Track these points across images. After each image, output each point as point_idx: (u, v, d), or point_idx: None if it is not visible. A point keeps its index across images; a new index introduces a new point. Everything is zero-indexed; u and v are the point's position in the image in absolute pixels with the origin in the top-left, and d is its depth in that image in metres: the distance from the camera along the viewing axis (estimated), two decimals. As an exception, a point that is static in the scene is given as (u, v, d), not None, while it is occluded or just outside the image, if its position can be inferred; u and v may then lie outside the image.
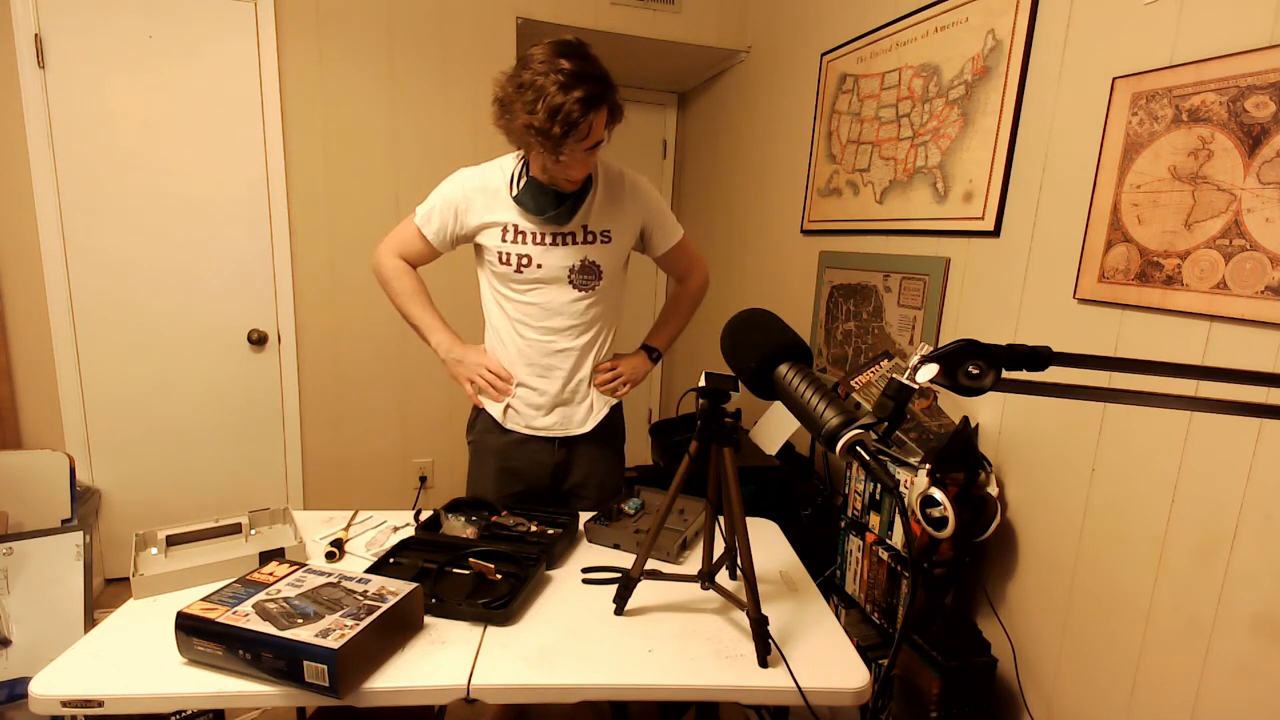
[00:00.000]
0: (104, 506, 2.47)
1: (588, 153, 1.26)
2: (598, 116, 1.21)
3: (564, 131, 1.17)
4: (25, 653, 1.72)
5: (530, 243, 1.39)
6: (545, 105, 1.15)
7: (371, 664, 0.93)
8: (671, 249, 1.56)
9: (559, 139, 1.18)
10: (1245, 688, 1.10)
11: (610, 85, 1.22)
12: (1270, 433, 1.07)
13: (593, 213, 1.40)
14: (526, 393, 1.48)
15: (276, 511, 1.37)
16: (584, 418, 1.51)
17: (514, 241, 1.38)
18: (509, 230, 1.38)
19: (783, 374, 0.77)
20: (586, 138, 1.21)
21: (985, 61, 1.60)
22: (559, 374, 1.47)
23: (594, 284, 1.44)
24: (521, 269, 1.39)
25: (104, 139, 2.27)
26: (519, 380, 1.48)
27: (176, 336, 2.45)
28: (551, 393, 1.47)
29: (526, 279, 1.40)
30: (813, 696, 0.94)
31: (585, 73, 1.17)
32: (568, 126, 1.16)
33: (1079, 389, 0.60)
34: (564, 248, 1.40)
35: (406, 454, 2.83)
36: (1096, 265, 1.34)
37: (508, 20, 2.60)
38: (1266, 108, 1.06)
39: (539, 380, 1.47)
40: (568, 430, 1.50)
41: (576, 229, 1.40)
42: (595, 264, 1.43)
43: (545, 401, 1.48)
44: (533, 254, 1.39)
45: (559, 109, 1.15)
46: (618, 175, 1.45)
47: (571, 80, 1.15)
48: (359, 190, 2.56)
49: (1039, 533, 1.48)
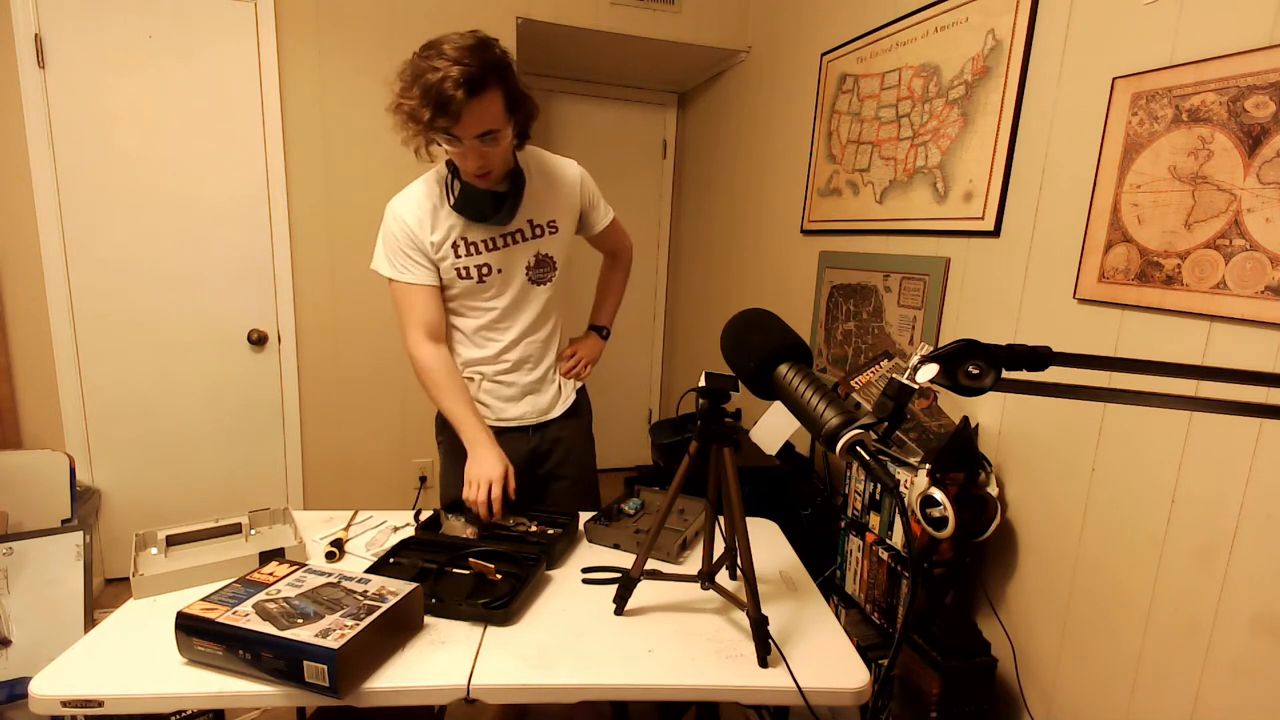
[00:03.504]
0: (104, 506, 2.47)
1: (485, 142, 1.20)
2: (479, 101, 1.14)
3: (435, 113, 1.13)
4: (25, 653, 1.72)
5: (485, 250, 1.37)
6: (420, 85, 1.12)
7: (371, 664, 0.93)
8: (605, 228, 1.56)
9: (429, 121, 1.14)
10: (1245, 688, 1.10)
11: (499, 70, 1.17)
12: (1270, 433, 1.07)
13: (533, 206, 1.40)
14: (494, 387, 1.48)
15: (276, 511, 1.37)
16: (552, 402, 1.54)
17: (468, 254, 1.37)
18: (460, 245, 1.36)
19: (783, 374, 0.77)
20: (464, 121, 1.15)
21: (985, 61, 1.60)
22: (526, 366, 1.49)
23: (550, 275, 1.45)
24: (483, 278, 1.38)
25: (104, 139, 2.27)
26: (486, 377, 1.48)
27: (176, 336, 2.45)
28: (520, 384, 1.49)
29: (489, 286, 1.40)
30: (813, 696, 0.94)
31: (467, 56, 1.12)
32: (439, 106, 1.12)
33: (1079, 389, 0.60)
34: (515, 247, 1.40)
35: (406, 454, 2.83)
36: (1096, 265, 1.34)
37: (508, 20, 2.59)
38: (1266, 108, 1.06)
39: (508, 374, 1.48)
40: (540, 416, 1.53)
41: (523, 225, 1.39)
42: (549, 256, 1.44)
43: (514, 392, 1.49)
44: (490, 261, 1.38)
45: (430, 88, 1.11)
46: (549, 163, 1.44)
47: (450, 62, 1.11)
48: (359, 190, 2.56)
49: (1039, 533, 1.48)
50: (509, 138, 1.27)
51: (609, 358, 3.82)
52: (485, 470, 1.32)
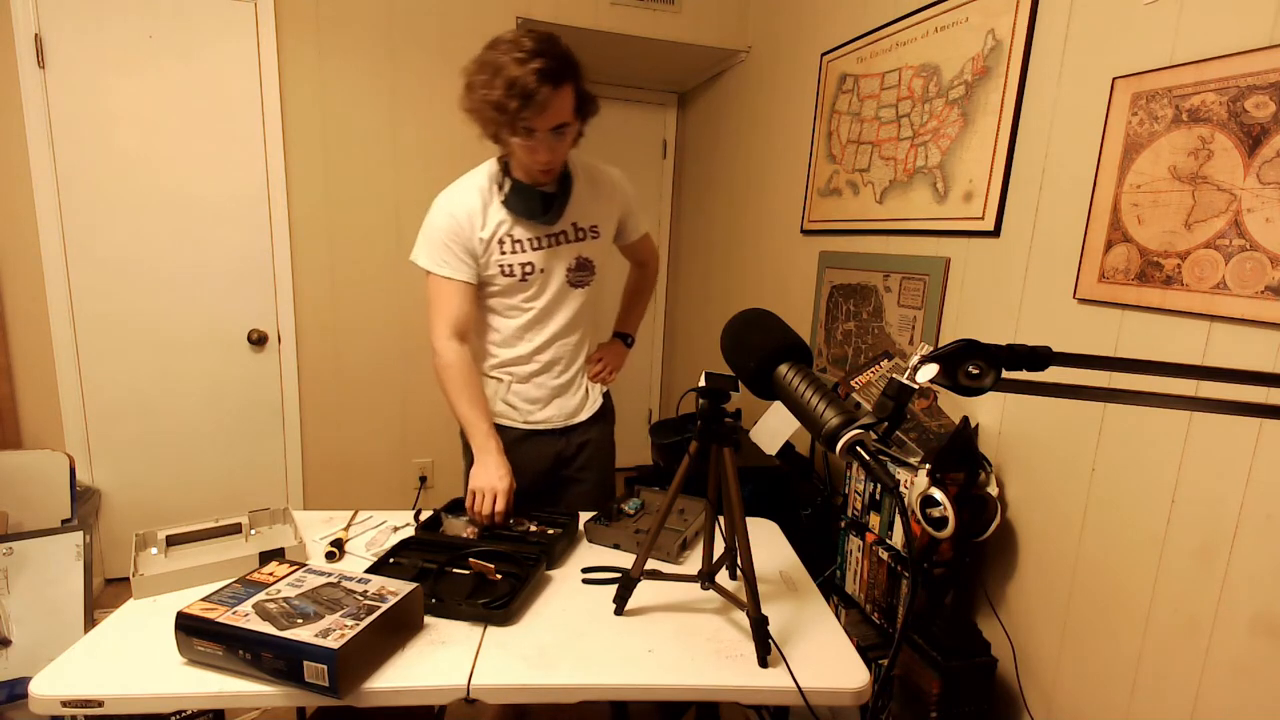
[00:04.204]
0: (104, 506, 2.47)
1: (555, 136, 1.24)
2: (558, 95, 1.19)
3: (521, 104, 1.16)
4: (25, 653, 1.72)
5: (529, 249, 1.38)
6: (503, 78, 1.15)
7: (371, 664, 0.93)
8: (639, 239, 1.61)
9: (516, 113, 1.17)
10: (1245, 688, 1.10)
11: (573, 67, 1.21)
12: (1270, 433, 1.07)
13: (579, 209, 1.41)
14: (523, 388, 1.48)
15: (276, 511, 1.37)
16: (580, 406, 1.55)
17: (513, 251, 1.38)
18: (506, 242, 1.37)
19: (783, 374, 0.77)
20: (546, 113, 1.19)
21: (985, 61, 1.60)
22: (557, 368, 1.49)
23: (588, 279, 1.46)
24: (525, 277, 1.39)
25: (104, 139, 2.27)
26: (516, 378, 1.48)
27: (176, 336, 2.45)
28: (550, 386, 1.49)
29: (530, 285, 1.40)
30: (813, 696, 0.94)
31: (546, 50, 1.17)
32: (524, 98, 1.15)
33: (1079, 389, 0.60)
34: (558, 248, 1.40)
35: (406, 454, 2.83)
36: (1096, 265, 1.34)
37: (508, 20, 2.60)
38: (1266, 108, 1.06)
39: (539, 376, 1.48)
40: (567, 420, 1.53)
41: (567, 227, 1.41)
42: (589, 260, 1.45)
43: (543, 394, 1.49)
44: (534, 260, 1.39)
45: (515, 81, 1.15)
46: (595, 170, 1.46)
47: (529, 55, 1.15)
48: (359, 190, 2.56)
49: (1039, 533, 1.48)
50: (575, 133, 1.29)
51: (609, 358, 3.81)
52: (491, 481, 1.33)
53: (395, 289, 2.68)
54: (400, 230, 2.63)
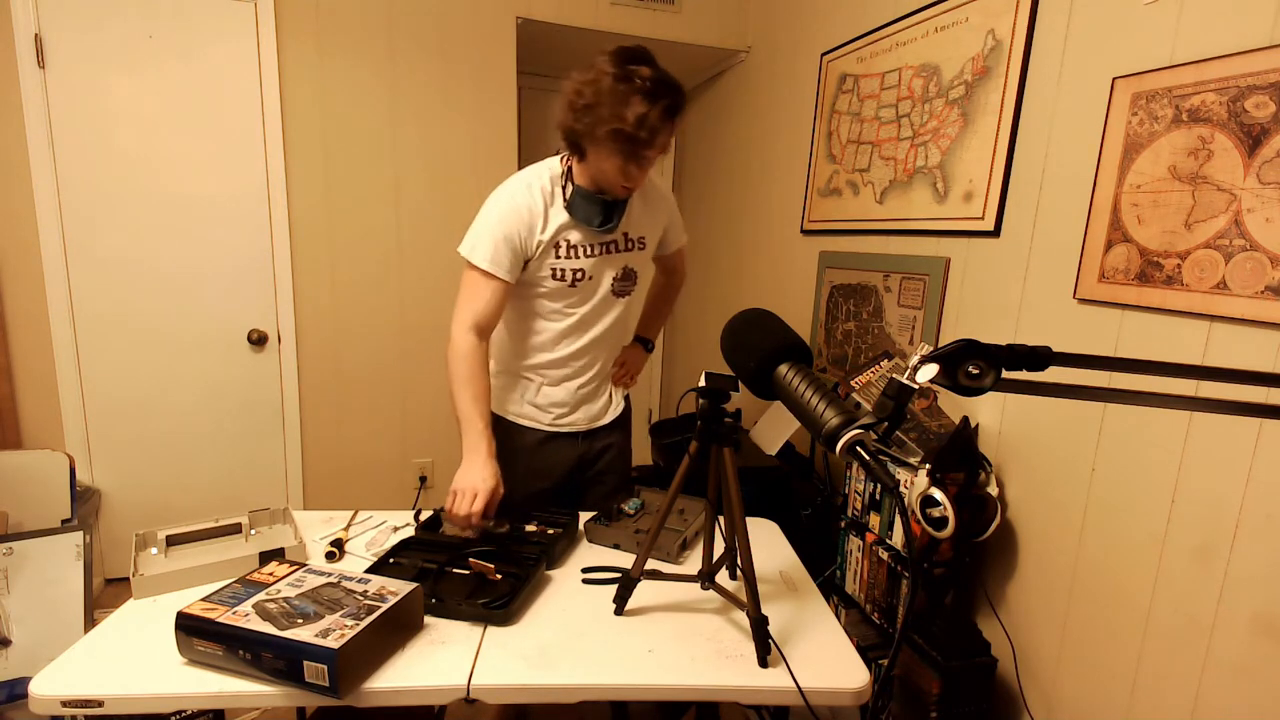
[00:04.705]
0: (104, 506, 2.47)
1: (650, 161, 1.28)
2: (671, 128, 1.24)
3: (648, 138, 1.20)
4: (25, 653, 1.72)
5: (582, 256, 1.38)
6: (633, 112, 1.17)
7: (371, 664, 0.93)
8: (676, 250, 1.62)
9: (641, 145, 1.20)
10: (1245, 688, 1.10)
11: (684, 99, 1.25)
12: (1270, 433, 1.07)
13: (632, 219, 1.42)
14: (552, 391, 1.49)
15: (276, 511, 1.37)
16: (603, 409, 1.56)
17: (568, 256, 1.37)
18: (563, 246, 1.36)
19: (783, 374, 0.77)
20: (655, 145, 1.23)
21: (985, 61, 1.60)
22: (589, 373, 1.50)
23: (631, 289, 1.47)
24: (575, 283, 1.39)
25: (104, 139, 2.27)
26: (547, 381, 1.48)
27: (176, 336, 2.45)
28: (578, 391, 1.50)
29: (577, 291, 1.40)
30: (813, 696, 0.94)
31: (668, 84, 1.20)
32: (651, 133, 1.19)
33: (1079, 389, 0.60)
34: (609, 256, 1.41)
35: (406, 454, 2.83)
36: (1096, 265, 1.34)
37: (508, 20, 2.59)
38: (1266, 108, 1.06)
39: (570, 380, 1.49)
40: (591, 423, 1.55)
41: (619, 237, 1.41)
42: (634, 271, 1.46)
43: (570, 399, 1.50)
44: (585, 267, 1.38)
45: (645, 118, 1.18)
46: (648, 181, 1.45)
47: (655, 88, 1.18)
48: (359, 190, 2.56)
49: (1039, 533, 1.48)
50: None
51: (609, 358, 3.81)
52: (474, 481, 1.27)
53: (395, 289, 2.68)
54: (400, 230, 2.63)
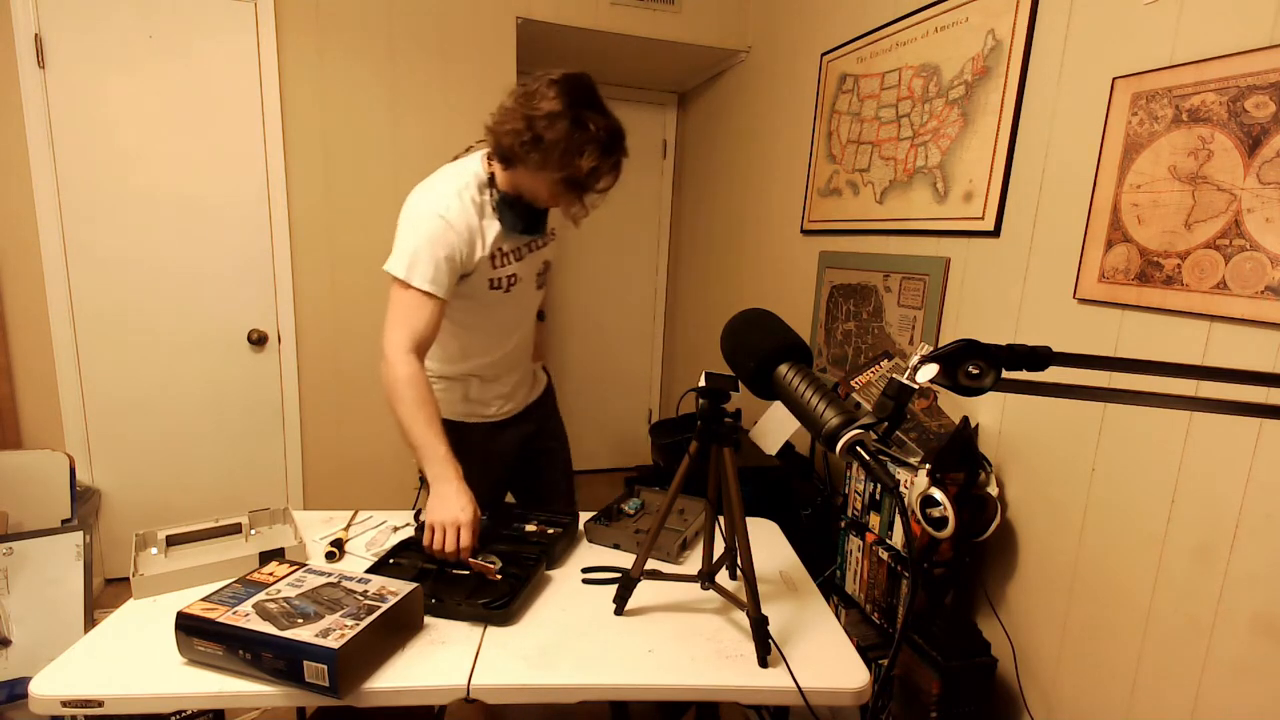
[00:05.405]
0: (104, 506, 2.47)
1: None
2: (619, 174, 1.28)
3: (599, 186, 1.26)
4: (25, 653, 1.72)
5: (513, 261, 1.37)
6: (589, 159, 1.20)
7: (371, 664, 0.93)
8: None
9: (589, 189, 1.25)
10: (1245, 688, 1.10)
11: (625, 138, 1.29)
12: (1270, 433, 1.07)
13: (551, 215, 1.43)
14: (488, 386, 1.50)
15: (276, 511, 1.37)
16: (533, 387, 1.62)
17: (503, 265, 1.36)
18: (498, 256, 1.34)
19: (783, 374, 0.77)
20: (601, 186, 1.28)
21: (985, 61, 1.60)
22: (522, 362, 1.55)
23: (546, 278, 1.51)
24: (510, 288, 1.39)
25: (104, 139, 2.27)
26: (484, 379, 1.49)
27: (176, 337, 2.45)
28: (513, 380, 1.54)
29: (510, 295, 1.40)
30: (813, 696, 0.94)
31: (617, 131, 1.23)
32: (602, 183, 1.25)
33: (1079, 389, 0.60)
34: (533, 254, 1.42)
35: (406, 454, 2.79)
36: (1096, 265, 1.34)
37: (508, 20, 2.59)
38: (1266, 108, 1.06)
39: (506, 375, 1.51)
40: (526, 402, 1.59)
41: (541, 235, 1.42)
42: (549, 262, 1.50)
43: (508, 390, 1.53)
44: (517, 271, 1.39)
45: (597, 170, 1.22)
46: None
47: (612, 140, 1.22)
48: (359, 190, 2.56)
49: (1039, 533, 1.48)
50: None
51: (608, 357, 3.83)
52: (453, 514, 1.18)
53: (395, 289, 2.67)
54: (400, 230, 2.63)
